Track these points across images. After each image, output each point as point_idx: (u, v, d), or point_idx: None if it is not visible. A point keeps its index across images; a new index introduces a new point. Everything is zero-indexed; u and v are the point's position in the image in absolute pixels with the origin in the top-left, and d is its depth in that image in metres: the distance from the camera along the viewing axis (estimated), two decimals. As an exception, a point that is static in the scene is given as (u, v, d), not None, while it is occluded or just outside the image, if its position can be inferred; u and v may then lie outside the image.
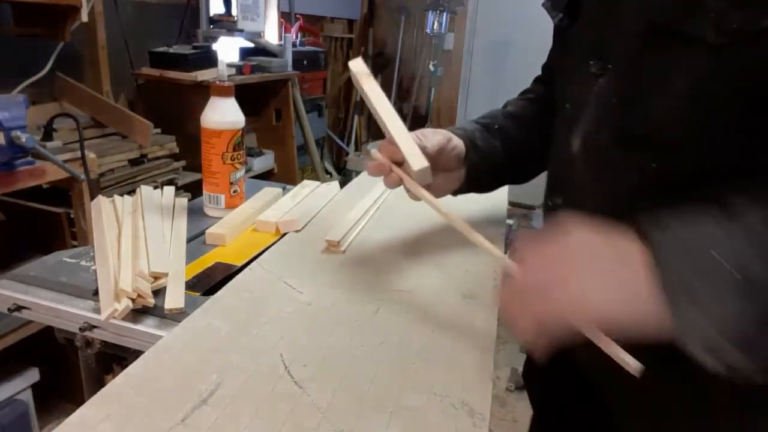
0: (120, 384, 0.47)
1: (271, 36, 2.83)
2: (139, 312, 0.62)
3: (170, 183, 1.81)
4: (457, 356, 0.54)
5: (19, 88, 1.57)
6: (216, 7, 2.31)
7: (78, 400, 0.47)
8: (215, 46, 2.22)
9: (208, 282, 0.70)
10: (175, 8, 2.26)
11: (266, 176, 2.55)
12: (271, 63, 2.44)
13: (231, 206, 0.92)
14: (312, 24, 3.28)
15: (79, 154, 1.36)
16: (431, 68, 3.66)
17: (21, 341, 1.38)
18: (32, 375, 1.53)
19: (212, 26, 2.31)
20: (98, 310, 0.62)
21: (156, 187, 0.95)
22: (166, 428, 0.43)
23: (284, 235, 0.84)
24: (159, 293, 0.64)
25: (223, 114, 0.88)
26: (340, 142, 3.89)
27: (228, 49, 2.40)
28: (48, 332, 0.69)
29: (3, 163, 1.18)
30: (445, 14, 3.41)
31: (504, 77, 3.80)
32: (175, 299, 0.62)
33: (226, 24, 2.31)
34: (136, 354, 0.56)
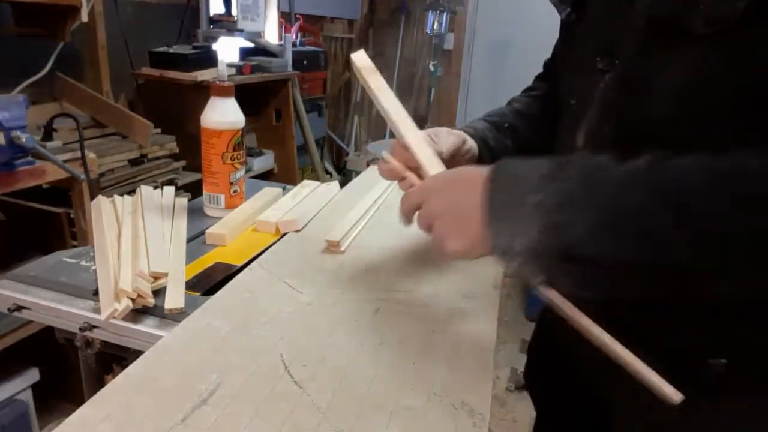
0: (120, 384, 0.47)
1: (271, 36, 2.83)
2: (139, 312, 0.62)
3: (170, 183, 1.80)
4: (457, 356, 0.54)
5: (19, 88, 1.57)
6: (216, 7, 2.31)
7: (78, 400, 0.47)
8: (215, 46, 2.22)
9: (208, 282, 0.70)
10: (175, 8, 2.26)
11: (266, 176, 2.55)
12: (271, 63, 2.44)
13: (231, 206, 0.92)
14: (312, 24, 3.28)
15: (79, 154, 1.36)
16: (431, 68, 3.66)
17: (21, 341, 1.37)
18: (32, 375, 1.53)
19: (212, 26, 2.31)
20: (98, 310, 0.62)
21: (156, 187, 0.95)
22: (166, 428, 0.43)
23: (284, 235, 0.84)
24: (159, 293, 0.64)
25: (223, 114, 0.88)
26: (340, 142, 3.89)
27: (228, 49, 2.40)
28: (48, 332, 0.69)
29: (3, 163, 1.18)
30: (445, 14, 3.40)
31: (504, 77, 3.80)
32: (175, 299, 0.62)
33: (226, 24, 2.31)
34: (136, 354, 0.56)
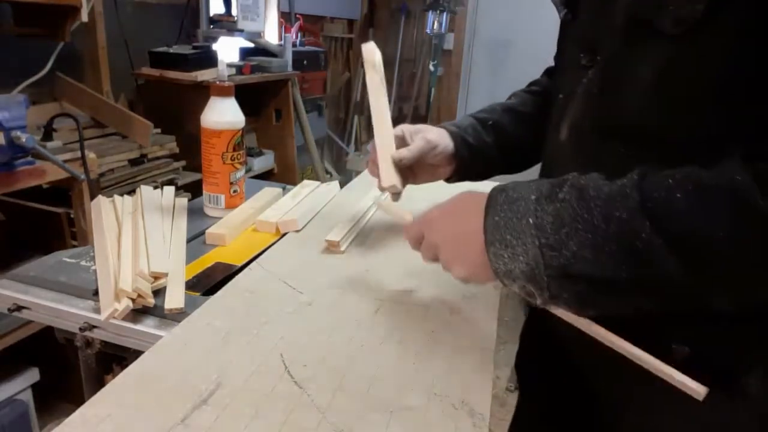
0: (120, 384, 0.47)
1: (271, 36, 2.83)
2: (139, 312, 0.62)
3: (170, 183, 1.80)
4: (457, 356, 0.54)
5: (19, 88, 1.57)
6: (216, 7, 2.31)
7: (78, 400, 0.47)
8: (215, 46, 2.22)
9: (208, 282, 0.70)
10: (175, 8, 2.26)
11: (266, 176, 2.55)
12: (271, 63, 2.44)
13: (231, 206, 0.92)
14: (312, 24, 3.28)
15: (79, 154, 1.36)
16: (431, 68, 3.66)
17: (21, 341, 1.37)
18: (32, 375, 1.53)
19: (212, 26, 2.31)
20: (98, 310, 0.62)
21: (156, 187, 0.95)
22: (166, 428, 0.43)
23: (284, 235, 0.84)
24: (159, 293, 0.64)
25: (223, 114, 0.88)
26: (340, 142, 3.89)
27: (228, 49, 2.40)
28: (48, 332, 0.69)
29: (3, 163, 1.18)
30: (445, 14, 3.40)
31: (504, 77, 3.80)
32: (175, 299, 0.62)
33: (226, 24, 2.30)
34: (136, 354, 0.56)
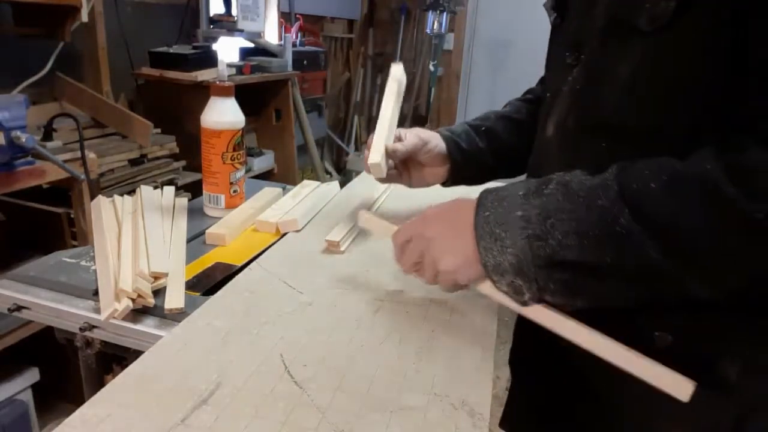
0: (120, 384, 0.47)
1: (271, 36, 2.83)
2: (139, 312, 0.62)
3: (170, 183, 1.80)
4: (457, 356, 0.54)
5: (19, 88, 1.57)
6: (216, 7, 2.31)
7: (78, 400, 0.47)
8: (215, 46, 2.22)
9: (208, 282, 0.70)
10: (175, 8, 2.26)
11: (266, 176, 2.55)
12: (271, 63, 2.44)
13: (231, 206, 0.92)
14: (312, 24, 3.28)
15: (79, 154, 1.36)
16: (431, 68, 3.66)
17: (21, 341, 1.37)
18: (32, 375, 1.53)
19: (212, 26, 2.31)
20: (98, 310, 0.62)
21: (156, 187, 0.95)
22: (166, 428, 0.43)
23: (284, 235, 0.84)
24: (159, 293, 0.64)
25: (223, 114, 0.88)
26: (340, 142, 3.89)
27: (228, 49, 2.39)
28: (48, 332, 0.69)
29: (3, 163, 1.18)
30: (445, 14, 3.40)
31: (504, 77, 3.80)
32: (175, 299, 0.62)
33: (226, 24, 2.30)
34: (136, 354, 0.56)
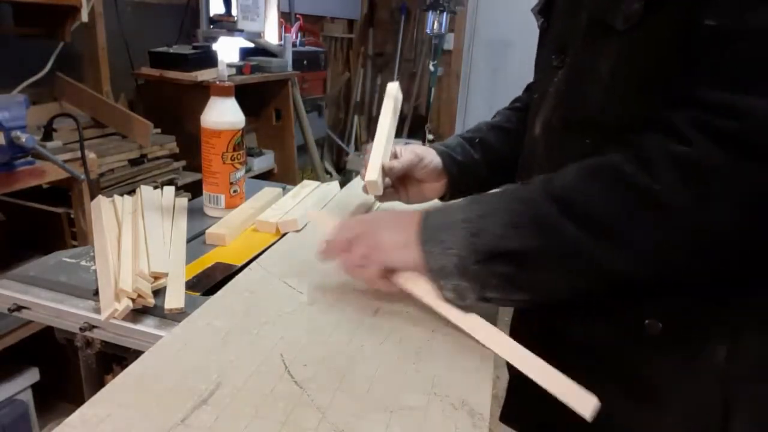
0: (120, 384, 0.47)
1: (271, 36, 2.83)
2: (139, 312, 0.62)
3: (170, 183, 1.80)
4: (457, 356, 0.54)
5: (19, 88, 1.57)
6: (216, 7, 2.31)
7: (78, 400, 0.47)
8: (215, 46, 2.22)
9: (208, 282, 0.70)
10: (175, 8, 2.26)
11: (266, 176, 2.55)
12: (271, 63, 2.44)
13: (231, 206, 0.92)
14: (312, 24, 3.28)
15: (79, 154, 1.36)
16: (431, 68, 3.66)
17: (21, 341, 1.37)
18: (32, 375, 1.53)
19: (212, 26, 2.31)
20: (98, 310, 0.62)
21: (156, 187, 0.95)
22: (166, 428, 0.43)
23: (284, 235, 0.84)
24: (159, 293, 0.64)
25: (223, 114, 0.88)
26: (340, 142, 3.89)
27: (228, 49, 2.39)
28: (48, 332, 0.69)
29: (3, 163, 1.18)
30: (445, 14, 3.40)
31: (504, 77, 3.80)
32: (175, 299, 0.62)
33: (226, 24, 2.30)
34: (136, 354, 0.56)
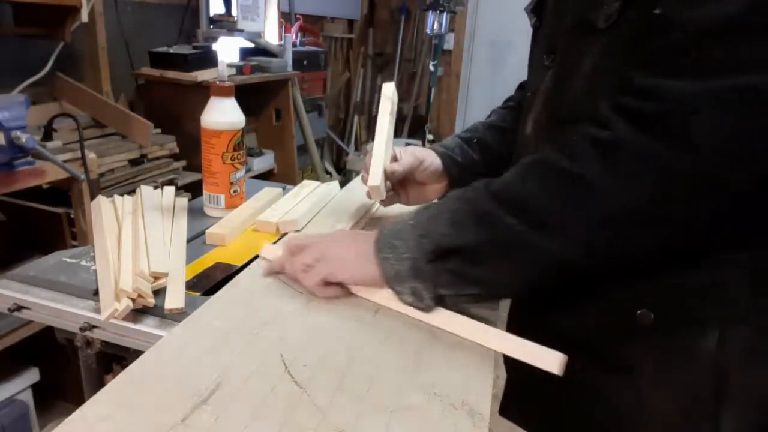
0: (120, 384, 0.47)
1: (271, 36, 2.83)
2: (139, 312, 0.62)
3: (170, 183, 1.80)
4: (457, 356, 0.54)
5: (19, 88, 1.57)
6: (216, 7, 2.31)
7: (78, 400, 0.47)
8: (215, 46, 2.21)
9: (208, 282, 0.70)
10: (175, 8, 2.26)
11: (266, 176, 2.55)
12: (271, 63, 2.44)
13: (231, 206, 0.92)
14: (312, 24, 3.28)
15: (79, 154, 1.36)
16: (431, 68, 3.66)
17: (21, 341, 1.38)
18: (32, 375, 1.53)
19: (212, 26, 2.31)
20: (98, 310, 0.62)
21: (156, 187, 0.95)
22: (166, 428, 0.43)
23: (284, 235, 0.84)
24: (159, 293, 0.64)
25: (223, 114, 0.88)
26: (340, 142, 3.89)
27: (228, 49, 2.39)
28: (48, 332, 0.69)
29: (3, 163, 1.18)
30: (445, 14, 3.40)
31: (504, 77, 3.80)
32: (175, 299, 0.62)
33: (226, 24, 2.30)
34: (136, 354, 0.56)
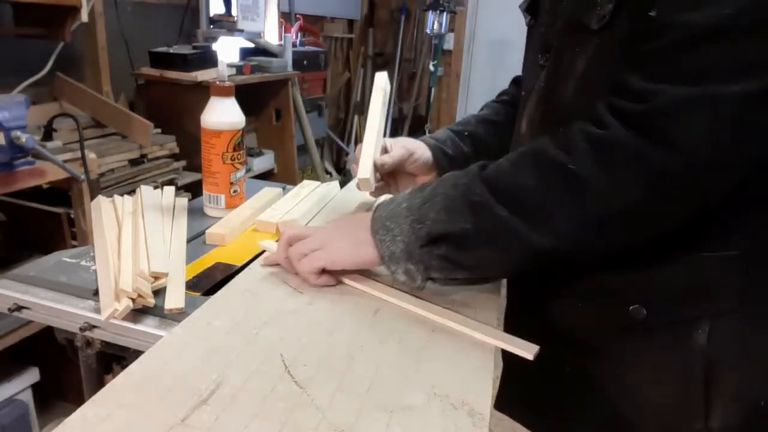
0: (120, 384, 0.47)
1: (271, 36, 2.83)
2: (139, 312, 0.62)
3: (170, 183, 1.81)
4: (457, 356, 0.54)
5: (19, 88, 1.57)
6: (216, 7, 2.31)
7: (78, 400, 0.47)
8: (215, 46, 2.21)
9: (208, 282, 0.70)
10: (175, 8, 2.26)
11: (266, 176, 2.55)
12: (271, 63, 2.44)
13: (231, 206, 0.92)
14: (312, 24, 3.28)
15: (79, 154, 1.36)
16: (431, 68, 3.66)
17: (21, 341, 1.38)
18: (32, 375, 1.53)
19: (212, 26, 2.31)
20: (98, 310, 0.62)
21: (156, 187, 0.95)
22: (166, 428, 0.42)
23: (284, 235, 0.84)
24: (159, 293, 0.64)
25: (223, 114, 0.88)
26: (340, 142, 3.89)
27: (228, 49, 2.39)
28: (48, 332, 0.69)
29: (3, 163, 1.18)
30: (445, 14, 3.40)
31: (504, 77, 3.78)
32: (175, 299, 0.62)
33: (226, 24, 2.31)
34: (136, 354, 0.56)
